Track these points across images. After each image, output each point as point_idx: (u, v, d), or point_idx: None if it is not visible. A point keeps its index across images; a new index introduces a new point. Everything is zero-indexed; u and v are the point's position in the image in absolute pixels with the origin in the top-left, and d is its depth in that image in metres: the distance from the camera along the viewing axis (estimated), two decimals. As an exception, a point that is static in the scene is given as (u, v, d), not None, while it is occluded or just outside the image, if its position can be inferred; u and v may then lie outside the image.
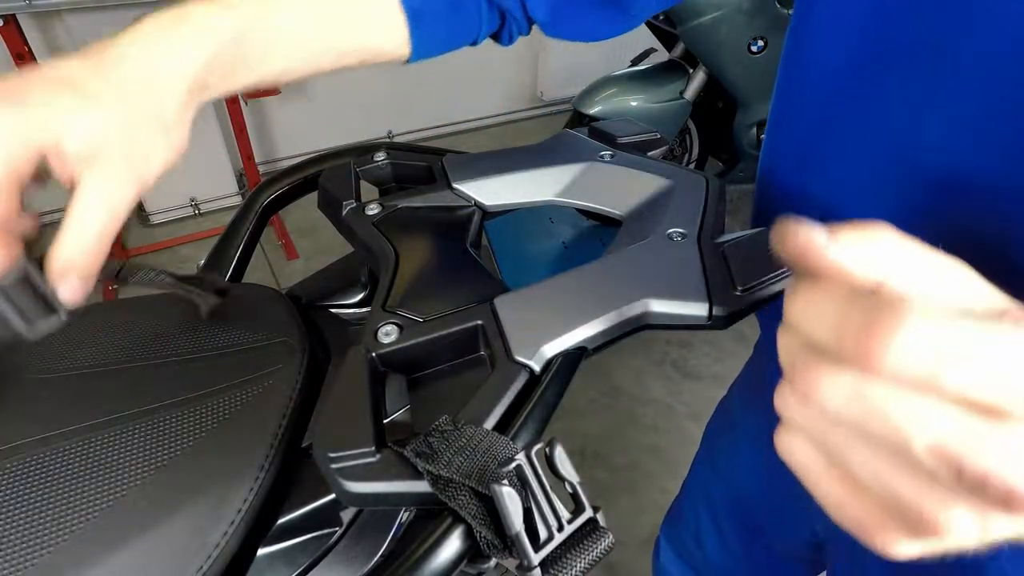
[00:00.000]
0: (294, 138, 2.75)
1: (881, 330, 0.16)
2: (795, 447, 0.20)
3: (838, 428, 0.18)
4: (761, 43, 1.83)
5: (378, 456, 0.32)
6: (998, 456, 0.15)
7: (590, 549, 0.28)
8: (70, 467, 0.36)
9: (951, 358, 0.15)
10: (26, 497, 0.34)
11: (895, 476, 0.17)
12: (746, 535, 0.71)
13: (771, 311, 0.34)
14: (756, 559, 0.72)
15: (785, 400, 0.19)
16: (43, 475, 0.35)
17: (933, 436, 0.16)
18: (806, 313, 0.18)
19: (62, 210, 0.31)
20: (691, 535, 0.80)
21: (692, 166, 1.68)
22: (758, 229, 0.40)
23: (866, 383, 0.16)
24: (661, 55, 2.10)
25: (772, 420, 0.20)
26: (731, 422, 0.70)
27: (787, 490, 0.59)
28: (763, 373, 0.64)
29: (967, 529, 0.17)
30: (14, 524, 0.33)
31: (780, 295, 0.36)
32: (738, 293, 0.36)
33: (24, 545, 0.32)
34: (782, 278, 0.36)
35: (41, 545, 0.32)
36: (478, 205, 0.50)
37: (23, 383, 0.42)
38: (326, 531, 0.40)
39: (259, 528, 0.37)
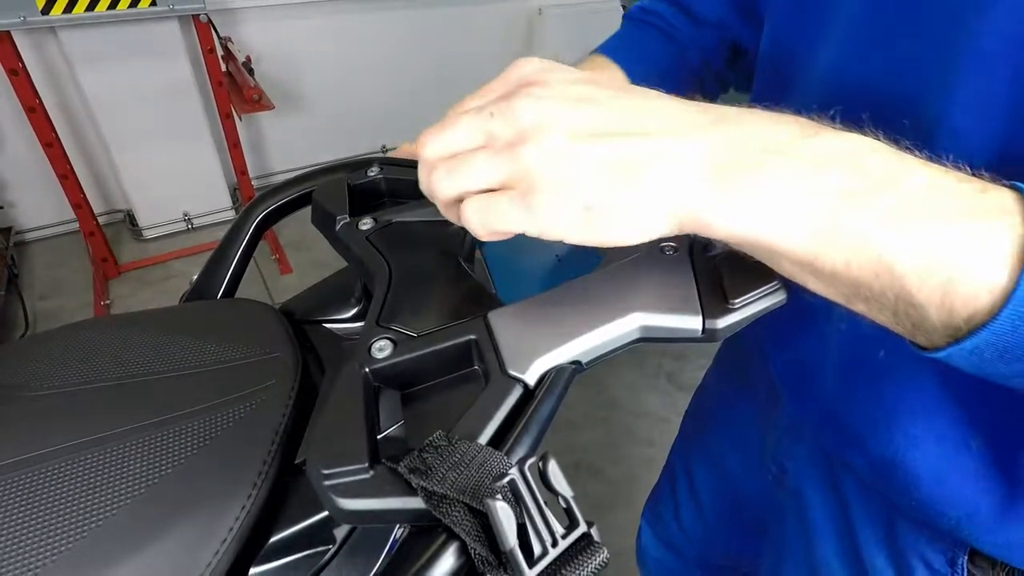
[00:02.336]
0: (288, 153, 2.75)
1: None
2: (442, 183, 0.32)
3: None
4: None
5: (371, 472, 0.31)
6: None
7: (585, 564, 0.28)
8: (59, 486, 0.35)
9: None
10: (14, 517, 0.34)
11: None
12: (721, 502, 0.76)
13: None
14: (729, 529, 0.77)
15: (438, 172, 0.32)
16: (32, 495, 0.35)
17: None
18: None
19: (51, 225, 0.31)
20: (670, 513, 0.84)
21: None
22: None
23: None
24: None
25: (741, 389, 0.23)
26: (706, 398, 0.79)
27: (751, 437, 0.66)
28: (733, 348, 0.72)
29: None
30: (2, 545, 0.33)
31: (773, 309, 0.37)
32: (730, 306, 0.36)
33: (12, 566, 0.32)
34: (774, 291, 0.37)
35: (29, 566, 0.32)
36: None
37: (12, 401, 0.42)
38: (319, 549, 0.40)
39: (251, 547, 0.36)
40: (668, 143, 0.28)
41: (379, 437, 0.37)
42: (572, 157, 0.28)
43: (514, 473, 0.28)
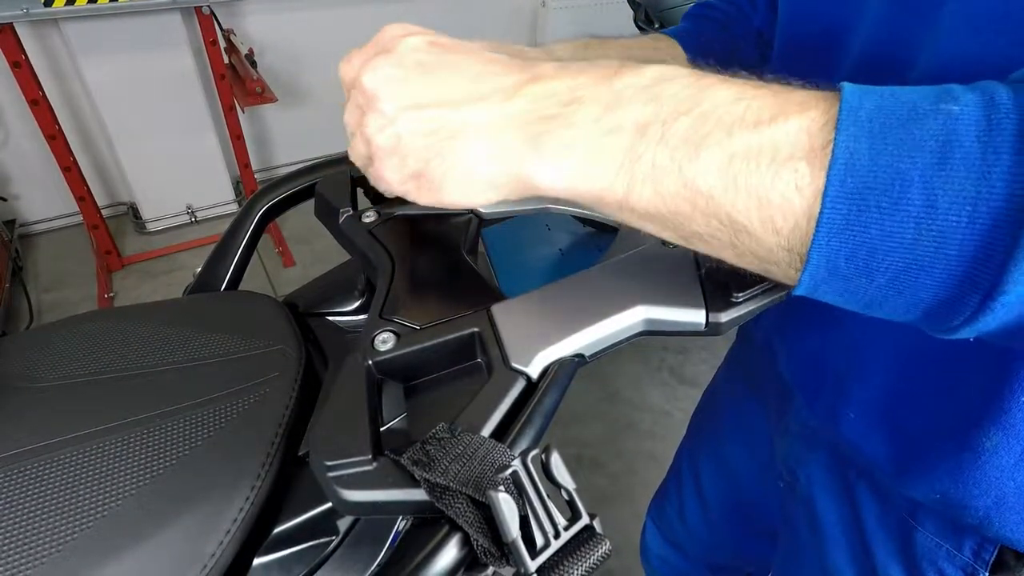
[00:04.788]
0: (291, 146, 2.75)
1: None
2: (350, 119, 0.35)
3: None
4: None
5: (375, 464, 0.32)
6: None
7: (587, 556, 0.28)
8: (65, 477, 0.36)
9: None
10: (21, 507, 0.34)
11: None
12: (727, 503, 0.76)
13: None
14: (734, 530, 0.77)
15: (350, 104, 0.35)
16: (38, 485, 0.35)
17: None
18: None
19: (55, 218, 0.31)
20: (675, 511, 0.84)
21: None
22: None
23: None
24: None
25: (751, 391, 0.23)
26: (716, 398, 0.78)
27: (760, 441, 0.65)
28: (745, 348, 0.70)
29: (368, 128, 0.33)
30: (8, 534, 0.33)
31: (775, 303, 0.37)
32: (734, 299, 0.36)
33: (18, 555, 0.32)
34: (778, 284, 0.36)
35: (35, 555, 0.32)
36: (475, 212, 0.50)
37: (18, 392, 0.42)
38: (322, 540, 0.40)
39: (255, 538, 0.36)
40: (474, 112, 0.30)
41: (382, 429, 0.37)
42: (393, 129, 0.32)
43: (517, 465, 0.28)
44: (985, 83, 0.23)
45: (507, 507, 0.27)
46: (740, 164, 0.25)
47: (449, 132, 0.31)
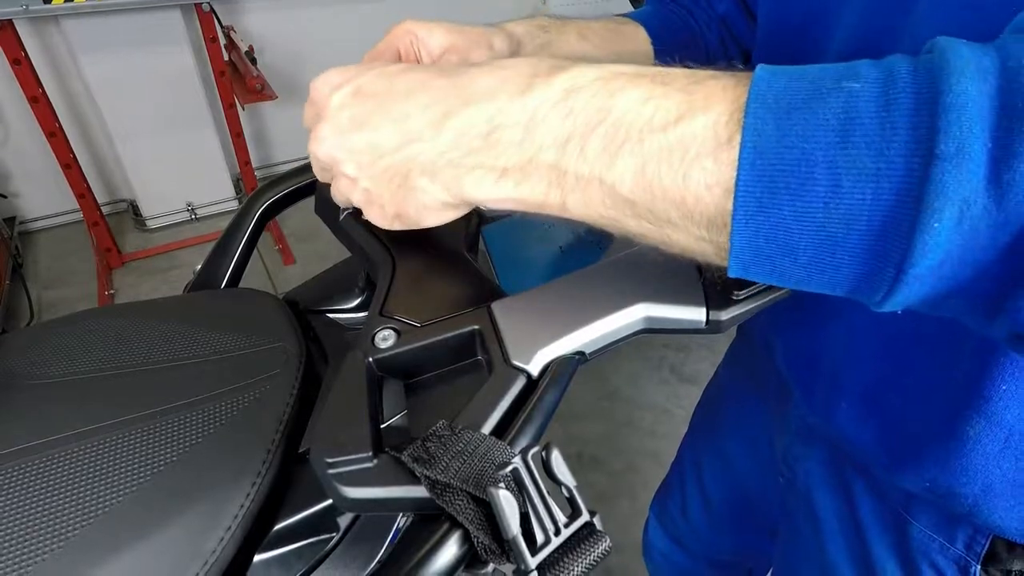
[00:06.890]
0: (291, 143, 2.75)
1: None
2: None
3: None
4: None
5: (375, 461, 0.32)
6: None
7: (587, 553, 0.28)
8: (65, 473, 0.36)
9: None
10: (21, 503, 0.34)
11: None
12: (729, 499, 0.76)
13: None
14: (736, 526, 0.77)
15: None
16: (38, 481, 0.35)
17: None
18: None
19: (55, 215, 0.31)
20: (678, 507, 0.84)
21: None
22: None
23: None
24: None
25: (752, 387, 0.24)
26: (717, 394, 0.78)
27: (761, 437, 0.66)
28: (744, 345, 0.71)
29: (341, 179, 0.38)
30: (8, 530, 0.33)
31: (777, 300, 0.37)
32: (735, 297, 0.36)
33: (18, 552, 0.32)
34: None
35: (35, 552, 0.32)
36: (475, 210, 0.50)
37: (19, 389, 0.42)
38: (323, 537, 0.40)
39: (255, 534, 0.37)
40: (412, 152, 0.33)
41: (382, 426, 0.37)
42: (362, 186, 0.36)
43: (517, 462, 0.28)
44: (892, 58, 0.24)
45: (507, 504, 0.27)
46: (653, 168, 0.26)
47: (402, 176, 0.34)
